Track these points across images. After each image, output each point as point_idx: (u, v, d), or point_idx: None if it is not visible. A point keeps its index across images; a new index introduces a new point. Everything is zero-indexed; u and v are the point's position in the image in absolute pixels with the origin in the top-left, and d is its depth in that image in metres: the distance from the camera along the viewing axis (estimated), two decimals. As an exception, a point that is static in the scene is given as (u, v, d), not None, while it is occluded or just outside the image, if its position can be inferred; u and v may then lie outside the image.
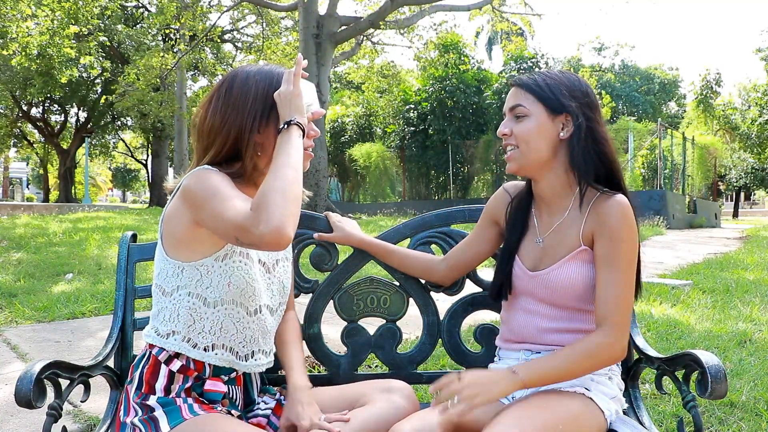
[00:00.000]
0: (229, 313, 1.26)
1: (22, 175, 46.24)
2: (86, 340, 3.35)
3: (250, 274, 1.26)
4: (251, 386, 1.37)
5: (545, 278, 1.35)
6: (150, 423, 1.20)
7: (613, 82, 30.99)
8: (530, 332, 1.38)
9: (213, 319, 1.25)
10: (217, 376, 1.29)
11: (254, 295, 1.27)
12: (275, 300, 1.36)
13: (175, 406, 1.22)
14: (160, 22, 13.46)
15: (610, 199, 1.30)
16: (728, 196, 34.23)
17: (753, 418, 2.17)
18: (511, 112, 1.36)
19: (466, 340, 1.64)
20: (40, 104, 24.51)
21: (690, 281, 5.19)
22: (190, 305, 1.25)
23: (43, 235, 7.89)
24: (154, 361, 1.27)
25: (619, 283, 1.26)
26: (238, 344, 1.29)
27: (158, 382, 1.25)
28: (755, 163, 25.07)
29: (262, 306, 1.30)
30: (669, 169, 16.42)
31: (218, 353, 1.27)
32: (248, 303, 1.27)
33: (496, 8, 14.97)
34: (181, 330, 1.26)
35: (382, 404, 1.27)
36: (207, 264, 1.23)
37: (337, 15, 11.94)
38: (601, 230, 1.29)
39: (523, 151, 1.34)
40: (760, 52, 19.95)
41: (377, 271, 2.07)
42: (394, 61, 16.53)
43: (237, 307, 1.26)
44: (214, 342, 1.26)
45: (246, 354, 1.30)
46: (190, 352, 1.26)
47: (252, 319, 1.29)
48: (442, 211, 1.67)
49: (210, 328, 1.26)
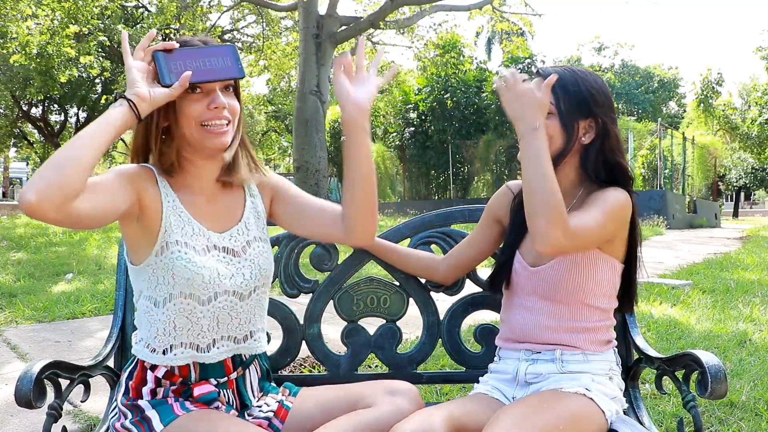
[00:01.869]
0: (180, 309, 1.21)
1: (22, 175, 46.19)
2: (86, 340, 3.35)
3: (192, 261, 1.20)
4: (244, 389, 1.33)
5: (546, 274, 1.35)
6: (143, 423, 1.18)
7: (613, 81, 30.96)
8: (531, 330, 1.38)
9: (164, 320, 1.21)
10: (205, 380, 1.26)
11: (204, 282, 1.20)
12: (248, 285, 1.28)
13: (167, 404, 1.20)
14: (160, 22, 13.45)
15: (608, 189, 1.31)
16: (728, 196, 34.23)
17: (753, 418, 2.17)
18: None
19: (466, 340, 1.64)
20: (40, 104, 24.48)
21: (690, 281, 5.19)
22: (147, 309, 1.23)
23: (43, 235, 7.89)
24: (141, 366, 1.25)
25: (594, 214, 1.25)
26: (196, 337, 1.23)
27: (145, 387, 1.24)
28: (755, 163, 25.08)
29: (219, 293, 1.23)
30: (669, 169, 16.43)
31: (177, 353, 1.22)
32: (199, 292, 1.21)
33: (497, 8, 14.97)
34: (144, 336, 1.24)
35: (387, 408, 1.24)
36: (151, 262, 1.20)
37: (337, 15, 11.94)
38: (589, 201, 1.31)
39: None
40: (761, 51, 19.93)
41: (377, 271, 2.07)
42: (394, 61, 16.53)
43: (186, 299, 1.21)
44: (172, 343, 1.22)
45: (208, 344, 1.24)
46: (151, 358, 1.22)
47: (206, 308, 1.22)
48: (442, 211, 1.67)
49: (163, 329, 1.22)
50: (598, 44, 35.07)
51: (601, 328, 1.37)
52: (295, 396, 1.36)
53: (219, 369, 1.27)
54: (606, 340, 1.38)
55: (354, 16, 12.82)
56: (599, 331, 1.37)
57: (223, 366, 1.28)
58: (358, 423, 1.21)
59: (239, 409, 1.32)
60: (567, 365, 1.33)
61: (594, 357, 1.35)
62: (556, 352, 1.34)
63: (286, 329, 1.62)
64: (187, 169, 1.26)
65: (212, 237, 1.26)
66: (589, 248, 1.31)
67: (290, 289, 1.61)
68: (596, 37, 48.99)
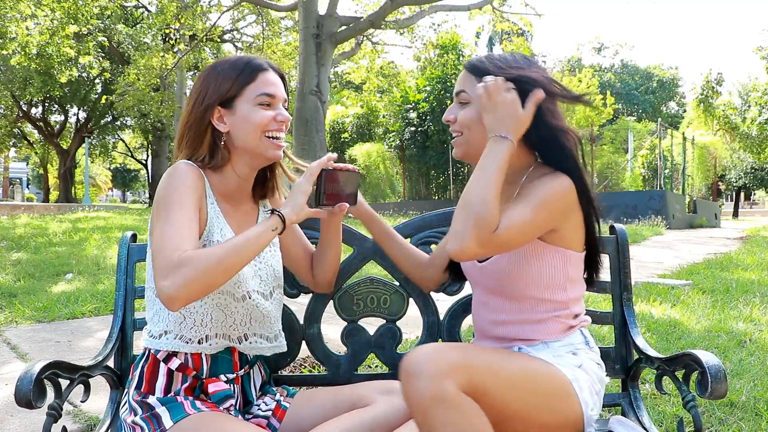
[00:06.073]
0: (217, 303, 1.27)
1: (22, 175, 46.22)
2: (86, 340, 3.35)
3: None
4: (249, 386, 1.37)
5: (491, 269, 1.30)
6: (153, 420, 1.20)
7: (613, 81, 30.99)
8: (486, 326, 1.36)
9: (202, 312, 1.27)
10: (216, 376, 1.29)
11: (239, 281, 1.28)
12: (267, 285, 1.37)
13: (177, 402, 1.22)
14: (160, 22, 13.46)
15: (546, 176, 1.24)
16: (728, 196, 34.23)
17: (753, 418, 2.17)
18: (456, 97, 1.32)
19: (466, 340, 1.64)
20: (40, 104, 24.50)
21: (690, 281, 5.19)
22: None
23: (43, 235, 7.89)
24: (153, 359, 1.28)
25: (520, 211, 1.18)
26: (229, 328, 1.30)
27: (158, 381, 1.26)
28: (755, 163, 25.07)
29: (250, 291, 1.31)
30: (669, 169, 16.44)
31: (212, 343, 1.28)
32: (234, 290, 1.28)
33: (497, 8, 14.96)
34: (173, 329, 1.27)
35: (383, 406, 1.26)
36: None
37: (337, 15, 11.94)
38: (525, 191, 1.24)
39: (467, 138, 1.30)
40: (760, 51, 19.92)
41: (377, 271, 2.07)
42: (394, 61, 16.52)
43: (223, 296, 1.27)
44: (207, 333, 1.28)
45: (239, 336, 1.32)
46: (184, 348, 1.27)
47: (241, 305, 1.30)
48: (442, 211, 1.67)
49: (201, 320, 1.27)
50: (598, 44, 35.12)
51: (556, 318, 1.30)
52: (293, 397, 1.38)
53: (228, 365, 1.32)
54: (566, 326, 1.31)
55: (354, 16, 12.82)
56: (554, 321, 1.30)
57: (231, 362, 1.32)
58: (353, 423, 1.22)
59: (242, 406, 1.35)
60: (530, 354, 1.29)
61: (556, 343, 1.30)
62: (513, 348, 1.30)
63: (286, 329, 1.61)
64: (228, 176, 1.32)
65: None
66: (522, 244, 1.24)
67: (290, 289, 1.61)
68: (596, 37, 49.01)
